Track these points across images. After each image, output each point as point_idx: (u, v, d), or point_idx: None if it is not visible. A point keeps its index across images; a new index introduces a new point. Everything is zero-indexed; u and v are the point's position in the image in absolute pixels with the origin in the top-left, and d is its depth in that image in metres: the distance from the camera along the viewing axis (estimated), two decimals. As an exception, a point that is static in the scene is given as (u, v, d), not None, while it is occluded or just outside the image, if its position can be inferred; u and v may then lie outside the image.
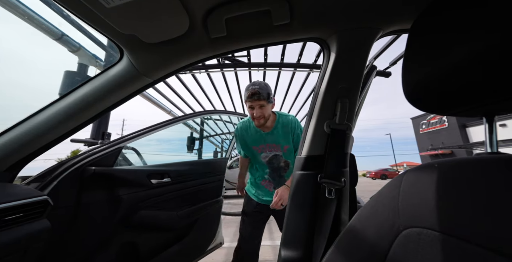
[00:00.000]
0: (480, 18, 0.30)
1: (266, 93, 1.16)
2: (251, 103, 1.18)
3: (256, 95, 1.15)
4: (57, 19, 1.48)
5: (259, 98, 1.15)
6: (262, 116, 1.19)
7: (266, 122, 1.23)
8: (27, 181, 0.90)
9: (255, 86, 1.17)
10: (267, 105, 1.20)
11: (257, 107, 1.18)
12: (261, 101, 1.17)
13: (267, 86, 1.20)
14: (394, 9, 0.56)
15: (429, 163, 0.41)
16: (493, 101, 0.33)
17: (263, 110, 1.19)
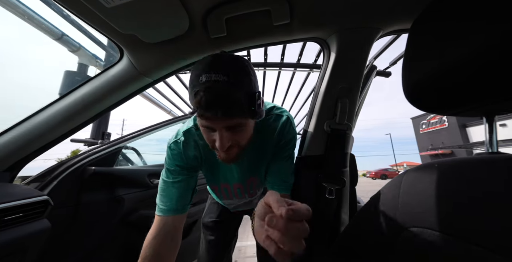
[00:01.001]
0: (480, 18, 0.30)
1: (247, 98, 0.47)
2: (207, 123, 0.49)
3: (218, 107, 0.45)
4: (57, 19, 1.49)
5: (230, 114, 0.46)
6: (235, 145, 0.53)
7: (241, 152, 0.56)
8: (27, 180, 0.90)
9: (217, 75, 0.44)
10: (248, 124, 0.53)
11: (222, 130, 0.49)
12: (233, 120, 0.48)
13: (247, 75, 0.49)
14: (394, 9, 0.56)
15: (429, 162, 0.41)
16: (493, 101, 0.33)
17: (238, 135, 0.52)
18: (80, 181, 1.00)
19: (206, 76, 0.44)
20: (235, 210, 0.93)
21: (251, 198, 0.81)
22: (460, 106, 0.37)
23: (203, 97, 0.43)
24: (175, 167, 0.63)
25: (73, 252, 0.96)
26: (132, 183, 1.18)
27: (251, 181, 0.74)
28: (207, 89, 0.43)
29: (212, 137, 0.51)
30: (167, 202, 0.61)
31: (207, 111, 0.45)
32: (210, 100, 0.43)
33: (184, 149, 0.64)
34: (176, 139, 0.65)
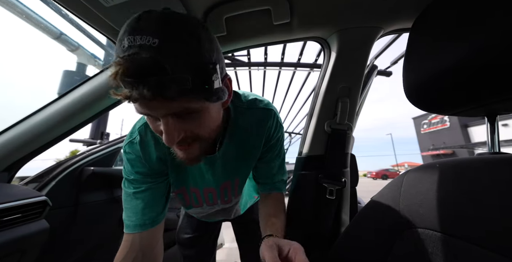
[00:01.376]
0: (481, 17, 0.30)
1: (196, 70, 0.31)
2: (143, 110, 0.34)
3: (144, 83, 0.29)
4: (55, 18, 1.48)
5: (165, 93, 0.30)
6: (192, 138, 0.40)
7: (205, 149, 0.46)
8: (26, 181, 0.90)
9: (144, 38, 0.29)
10: (207, 109, 0.38)
11: (166, 118, 0.35)
12: (173, 103, 0.33)
13: (194, 37, 0.32)
14: (395, 8, 0.56)
15: (431, 163, 0.41)
16: (495, 101, 0.32)
17: (192, 124, 0.38)
18: (79, 181, 1.00)
19: (129, 41, 0.30)
20: (216, 220, 0.82)
21: (224, 206, 0.68)
22: (462, 106, 0.37)
23: (120, 69, 0.29)
24: (135, 175, 0.50)
25: (72, 252, 0.95)
26: (132, 183, 1.18)
27: (226, 185, 0.62)
28: (127, 58, 0.29)
29: (158, 127, 0.37)
30: (133, 216, 0.49)
31: (130, 90, 0.30)
32: (131, 74, 0.29)
33: (143, 151, 0.50)
34: (130, 139, 0.51)
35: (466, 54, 0.31)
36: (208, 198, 0.64)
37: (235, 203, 0.73)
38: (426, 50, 0.38)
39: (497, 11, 0.28)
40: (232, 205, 0.72)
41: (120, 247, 0.49)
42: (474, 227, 0.29)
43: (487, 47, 0.28)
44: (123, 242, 0.49)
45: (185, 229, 0.83)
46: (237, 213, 0.80)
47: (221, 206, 0.68)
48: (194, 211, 0.69)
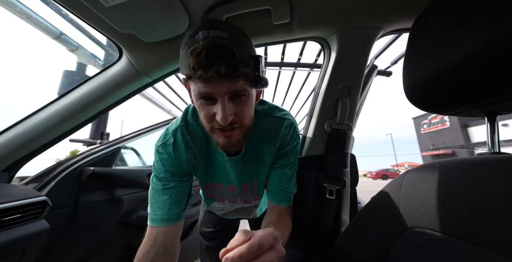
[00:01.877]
0: (481, 17, 0.30)
1: (251, 59, 0.42)
2: (208, 89, 0.41)
3: (221, 64, 0.38)
4: (55, 18, 1.48)
5: (235, 72, 0.39)
6: (238, 122, 0.46)
7: (243, 137, 0.52)
8: (25, 181, 0.90)
9: (216, 32, 0.39)
10: (251, 95, 0.46)
11: (224, 98, 0.42)
12: (238, 83, 0.41)
13: (247, 37, 0.45)
14: (395, 8, 0.56)
15: (431, 163, 0.41)
16: (495, 101, 0.32)
17: (241, 108, 0.45)
18: (79, 181, 1.00)
19: (204, 33, 0.39)
20: (226, 218, 0.87)
21: (243, 205, 0.72)
22: (462, 106, 0.37)
23: (203, 52, 0.37)
24: (165, 174, 0.56)
25: (71, 253, 0.95)
26: (131, 183, 1.18)
27: (246, 186, 0.66)
28: (208, 44, 0.37)
29: (211, 111, 0.43)
30: (159, 211, 0.54)
31: (208, 70, 0.37)
32: (213, 55, 0.37)
33: (175, 152, 0.55)
34: (164, 141, 0.56)
35: (466, 54, 0.31)
36: (230, 194, 0.68)
37: (255, 205, 0.75)
38: (426, 50, 0.38)
39: (497, 11, 0.28)
40: (251, 206, 0.74)
41: (144, 240, 0.54)
42: (474, 227, 0.29)
43: (486, 47, 0.28)
44: (147, 235, 0.55)
45: (207, 223, 0.90)
46: (254, 215, 0.84)
47: (241, 205, 0.72)
48: (216, 206, 0.74)
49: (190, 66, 0.39)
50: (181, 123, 0.57)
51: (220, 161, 0.59)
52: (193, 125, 0.57)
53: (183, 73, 0.43)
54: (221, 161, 0.59)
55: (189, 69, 0.39)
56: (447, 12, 0.36)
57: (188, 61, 0.39)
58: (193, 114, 0.58)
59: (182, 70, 0.43)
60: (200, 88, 0.41)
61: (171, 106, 3.37)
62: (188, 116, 0.58)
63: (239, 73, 0.39)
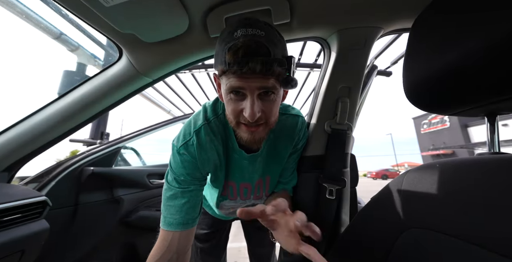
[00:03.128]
0: (480, 17, 0.30)
1: (284, 60, 0.43)
2: (240, 83, 0.42)
3: (257, 61, 0.39)
4: (55, 18, 1.48)
5: (270, 70, 0.40)
6: (264, 119, 0.46)
7: (266, 134, 0.51)
8: (25, 181, 0.90)
9: (255, 30, 0.41)
10: (279, 94, 0.47)
11: (254, 95, 0.43)
12: (270, 81, 0.42)
13: (282, 37, 0.47)
14: (396, 8, 0.56)
15: (431, 163, 0.41)
16: (495, 101, 0.32)
17: (269, 106, 0.46)
18: (79, 181, 1.00)
19: (242, 31, 0.40)
20: (230, 218, 0.87)
21: (255, 201, 0.71)
22: (461, 106, 0.37)
23: (241, 49, 0.39)
24: (185, 176, 0.53)
25: (71, 253, 0.95)
26: (131, 183, 1.18)
27: (259, 182, 0.66)
28: (246, 42, 0.39)
29: (239, 107, 0.45)
30: (176, 214, 0.51)
31: (243, 66, 0.39)
32: (249, 52, 0.39)
33: (199, 153, 0.53)
34: (186, 141, 0.53)
35: (466, 54, 0.31)
36: (243, 192, 0.68)
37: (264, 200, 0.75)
38: (426, 50, 0.38)
39: (497, 11, 0.28)
40: (263, 202, 0.74)
41: (156, 245, 0.51)
42: (474, 227, 0.29)
43: (487, 47, 0.28)
44: (160, 240, 0.51)
45: (201, 225, 0.88)
46: None
47: (253, 201, 0.71)
48: (227, 205, 0.72)
49: (226, 62, 0.40)
50: (203, 121, 0.55)
51: (236, 159, 0.58)
52: (214, 122, 0.55)
53: (217, 68, 0.44)
54: (237, 159, 0.58)
55: (225, 65, 0.41)
56: (447, 12, 0.36)
57: (225, 57, 0.40)
58: (213, 110, 0.57)
59: (216, 65, 0.44)
60: (233, 83, 0.42)
61: (171, 106, 3.37)
62: (208, 113, 0.56)
63: (273, 71, 0.41)
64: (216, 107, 0.58)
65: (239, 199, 0.69)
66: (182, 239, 0.51)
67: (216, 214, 0.85)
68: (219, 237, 0.92)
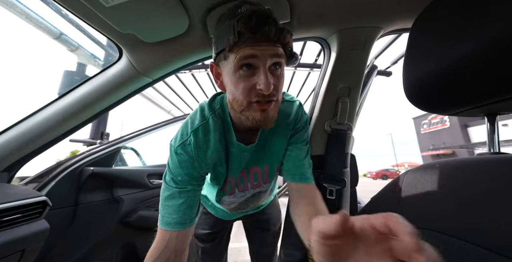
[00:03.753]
0: (480, 17, 0.30)
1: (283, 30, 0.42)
2: (253, 51, 0.41)
3: (269, 27, 0.40)
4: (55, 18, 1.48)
5: (282, 35, 0.42)
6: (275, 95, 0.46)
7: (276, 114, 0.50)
8: (25, 181, 0.90)
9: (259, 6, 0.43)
10: (284, 68, 0.47)
11: (266, 65, 0.42)
12: (280, 49, 0.43)
13: None
14: (395, 8, 0.56)
15: (431, 163, 0.41)
16: (495, 101, 0.32)
17: (278, 80, 0.45)
18: (79, 181, 1.00)
19: (246, 7, 0.41)
20: (232, 219, 0.87)
21: (253, 191, 0.69)
22: (462, 106, 0.37)
23: (253, 16, 0.39)
24: (183, 177, 0.53)
25: (71, 253, 0.95)
26: (131, 183, 1.18)
27: (256, 170, 0.64)
28: (256, 10, 0.40)
29: (251, 82, 0.43)
30: (173, 214, 0.51)
31: (257, 31, 0.39)
32: (260, 20, 0.39)
33: (197, 152, 0.52)
34: (183, 141, 0.52)
35: (466, 54, 0.31)
36: (239, 182, 0.66)
37: (265, 189, 0.73)
38: (426, 50, 0.38)
39: (497, 11, 0.28)
40: (262, 191, 0.72)
41: (154, 244, 0.51)
42: (474, 228, 0.29)
43: (486, 47, 0.28)
44: (158, 240, 0.51)
45: (202, 225, 0.88)
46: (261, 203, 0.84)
47: (251, 191, 0.69)
48: (227, 200, 0.71)
49: (236, 33, 0.39)
50: (201, 121, 0.54)
51: (235, 153, 0.57)
52: (212, 118, 0.54)
53: (222, 46, 0.42)
54: (236, 153, 0.57)
55: (235, 36, 0.39)
56: (447, 12, 0.36)
57: (235, 29, 0.39)
58: (210, 107, 0.56)
59: (221, 44, 0.43)
60: (245, 52, 0.41)
61: (171, 106, 3.37)
62: (206, 111, 0.56)
63: (284, 37, 0.42)
64: (213, 104, 0.57)
65: (238, 192, 0.68)
66: (179, 238, 0.51)
67: (218, 214, 0.84)
68: (221, 237, 0.92)
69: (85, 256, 0.98)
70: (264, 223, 0.92)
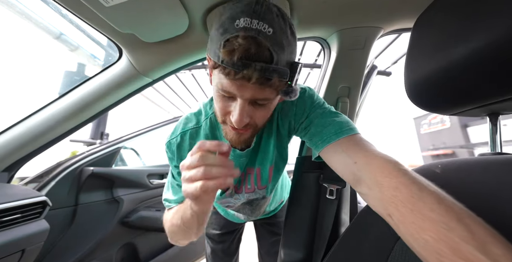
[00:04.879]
0: (482, 16, 0.30)
1: (289, 67, 0.36)
2: (231, 89, 0.36)
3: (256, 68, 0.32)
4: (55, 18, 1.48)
5: (267, 81, 0.34)
6: (252, 125, 0.42)
7: (253, 136, 0.50)
8: (25, 181, 0.90)
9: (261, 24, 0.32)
10: (275, 101, 0.42)
11: (245, 102, 0.37)
12: (265, 91, 0.36)
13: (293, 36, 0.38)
14: (396, 7, 0.56)
15: (432, 163, 0.40)
16: (498, 101, 0.32)
17: (259, 112, 0.41)
18: (79, 181, 1.00)
19: (246, 22, 0.32)
20: (242, 221, 0.86)
21: (248, 196, 0.65)
22: (464, 106, 0.37)
23: (240, 48, 0.31)
24: (174, 166, 0.56)
25: (71, 253, 0.95)
26: (132, 183, 1.18)
27: (249, 171, 0.60)
28: (248, 39, 0.31)
29: (227, 107, 0.39)
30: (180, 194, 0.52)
31: (240, 70, 0.32)
32: (249, 56, 0.31)
33: (178, 153, 0.53)
34: (170, 139, 0.54)
35: (468, 53, 0.31)
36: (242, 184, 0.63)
37: (262, 196, 0.67)
38: (428, 50, 0.38)
39: (499, 10, 0.28)
40: (259, 198, 0.67)
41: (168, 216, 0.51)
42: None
43: (489, 47, 0.28)
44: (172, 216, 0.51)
45: (213, 225, 0.89)
46: (262, 212, 0.80)
47: (246, 196, 0.65)
48: (224, 200, 0.67)
49: (220, 58, 0.33)
50: (194, 124, 0.54)
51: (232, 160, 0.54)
52: (205, 124, 0.53)
53: (210, 56, 0.37)
54: (233, 160, 0.55)
55: (218, 59, 0.34)
56: (449, 11, 0.36)
57: (219, 50, 0.33)
58: (207, 112, 0.55)
59: (210, 52, 0.37)
60: (223, 85, 0.36)
61: (171, 106, 3.37)
62: (201, 116, 0.55)
63: (271, 84, 0.34)
64: (207, 107, 0.56)
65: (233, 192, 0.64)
66: None
67: (227, 215, 0.84)
68: (232, 239, 0.91)
69: (85, 256, 0.98)
70: (275, 226, 0.89)
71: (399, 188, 0.30)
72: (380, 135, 15.43)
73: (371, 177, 0.35)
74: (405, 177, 0.31)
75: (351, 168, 0.39)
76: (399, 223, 0.29)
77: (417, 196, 0.28)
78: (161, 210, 1.25)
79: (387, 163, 0.34)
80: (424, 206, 0.26)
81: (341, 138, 0.43)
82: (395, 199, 0.29)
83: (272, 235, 0.91)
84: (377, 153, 0.38)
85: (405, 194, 0.29)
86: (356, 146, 0.41)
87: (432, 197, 0.27)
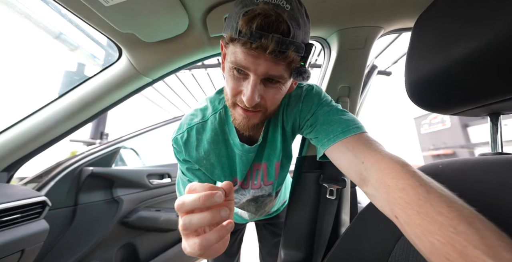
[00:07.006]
0: (483, 16, 0.29)
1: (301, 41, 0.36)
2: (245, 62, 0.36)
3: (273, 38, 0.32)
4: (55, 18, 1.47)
5: (283, 51, 0.34)
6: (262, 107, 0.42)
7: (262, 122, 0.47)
8: (25, 181, 0.90)
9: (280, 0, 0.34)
10: (286, 83, 0.41)
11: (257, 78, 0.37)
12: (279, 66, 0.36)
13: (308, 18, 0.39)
14: (396, 7, 0.56)
15: (433, 163, 0.40)
16: (499, 100, 0.32)
17: (271, 93, 0.40)
18: (78, 181, 1.00)
19: None
20: (245, 222, 0.86)
21: (254, 192, 0.64)
22: (464, 106, 0.37)
23: (257, 19, 0.32)
24: (182, 162, 0.57)
25: (71, 253, 0.95)
26: (131, 183, 1.17)
27: (256, 168, 0.60)
28: (266, 11, 0.32)
29: (239, 87, 0.39)
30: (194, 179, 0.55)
31: (255, 40, 0.32)
32: (266, 25, 0.32)
33: (185, 148, 0.53)
34: (176, 135, 0.54)
35: (468, 53, 0.31)
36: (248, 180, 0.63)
37: (268, 193, 0.66)
38: (428, 50, 0.38)
39: (500, 9, 0.28)
40: (264, 194, 0.66)
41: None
42: None
43: (489, 46, 0.28)
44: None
45: None
46: (267, 210, 0.80)
47: (252, 192, 0.64)
48: None
49: (237, 29, 0.33)
50: (200, 119, 0.53)
51: (240, 155, 0.54)
52: (212, 119, 0.53)
53: (227, 33, 0.37)
54: (241, 155, 0.54)
55: (235, 32, 0.34)
56: (449, 11, 0.35)
57: (238, 22, 0.33)
58: (214, 106, 0.54)
59: (226, 29, 0.37)
60: (238, 58, 0.36)
61: (171, 106, 3.37)
62: (208, 110, 0.54)
63: (286, 56, 0.34)
64: (216, 102, 0.54)
65: (239, 187, 0.63)
66: None
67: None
68: (233, 240, 0.91)
69: (85, 256, 0.98)
70: (278, 227, 0.89)
71: (406, 190, 0.29)
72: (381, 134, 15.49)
73: (378, 177, 0.34)
74: (413, 178, 0.30)
75: (358, 168, 0.38)
76: (405, 224, 0.28)
77: (424, 198, 0.27)
78: (161, 210, 1.25)
79: (395, 164, 0.33)
80: (432, 208, 0.26)
81: (348, 136, 0.42)
82: (401, 201, 0.29)
83: (274, 236, 0.91)
84: (384, 154, 0.36)
85: (412, 196, 0.28)
86: (363, 145, 0.40)
87: (440, 199, 0.26)
